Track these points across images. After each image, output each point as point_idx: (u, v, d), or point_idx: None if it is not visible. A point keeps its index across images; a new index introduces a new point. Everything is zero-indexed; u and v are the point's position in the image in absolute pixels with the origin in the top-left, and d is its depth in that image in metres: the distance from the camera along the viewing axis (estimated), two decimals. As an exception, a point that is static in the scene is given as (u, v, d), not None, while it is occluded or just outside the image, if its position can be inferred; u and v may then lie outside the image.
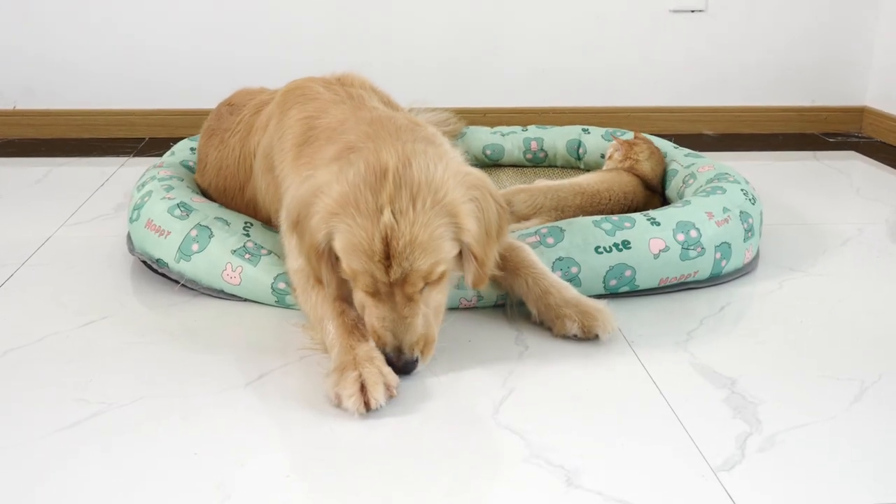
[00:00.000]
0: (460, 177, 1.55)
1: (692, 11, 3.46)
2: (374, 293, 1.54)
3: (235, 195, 2.11)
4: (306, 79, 1.97)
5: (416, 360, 1.55)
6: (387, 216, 1.48)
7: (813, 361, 1.68)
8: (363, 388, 1.47)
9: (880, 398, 1.54)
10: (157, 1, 3.32)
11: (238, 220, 1.98)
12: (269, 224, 1.99)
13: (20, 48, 3.33)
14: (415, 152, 1.55)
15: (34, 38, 3.33)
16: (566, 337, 1.74)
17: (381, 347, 1.55)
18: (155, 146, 3.21)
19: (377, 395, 1.46)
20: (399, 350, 1.53)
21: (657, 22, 3.46)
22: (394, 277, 1.50)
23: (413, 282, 1.51)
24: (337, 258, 1.57)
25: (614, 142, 2.53)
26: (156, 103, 3.40)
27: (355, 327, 1.61)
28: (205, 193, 2.23)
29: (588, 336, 1.72)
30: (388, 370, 1.52)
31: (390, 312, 1.53)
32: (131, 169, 2.91)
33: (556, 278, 1.80)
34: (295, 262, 1.76)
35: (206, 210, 1.99)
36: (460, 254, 1.59)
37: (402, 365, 1.54)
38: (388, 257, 1.48)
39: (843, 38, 3.52)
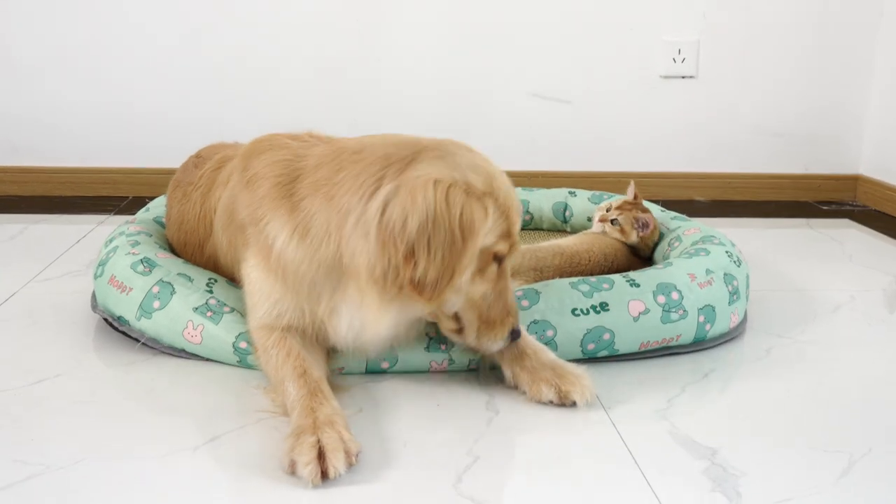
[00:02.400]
0: None
1: (683, 77, 3.44)
2: (510, 257, 1.63)
3: (195, 251, 2.04)
4: (272, 134, 1.88)
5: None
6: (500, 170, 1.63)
7: (799, 433, 1.59)
8: (321, 455, 1.37)
9: (869, 473, 1.45)
10: (144, 60, 3.31)
11: (202, 276, 1.91)
12: (233, 281, 1.92)
13: (4, 105, 3.31)
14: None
15: (18, 94, 3.31)
16: (541, 402, 1.65)
17: (511, 324, 1.63)
18: (138, 205, 3.16)
19: (336, 463, 1.36)
20: (518, 314, 1.67)
21: (648, 87, 3.44)
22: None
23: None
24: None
25: (626, 216, 2.36)
26: (140, 162, 3.37)
27: (318, 389, 1.53)
28: (171, 248, 2.17)
29: (564, 402, 1.64)
30: (349, 436, 1.42)
31: (509, 278, 1.64)
32: (109, 227, 2.86)
33: (532, 340, 1.73)
34: (256, 319, 1.69)
35: (170, 266, 1.93)
36: None
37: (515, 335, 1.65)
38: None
39: (837, 106, 3.50)
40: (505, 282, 1.62)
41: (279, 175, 1.66)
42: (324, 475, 1.36)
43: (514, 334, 1.64)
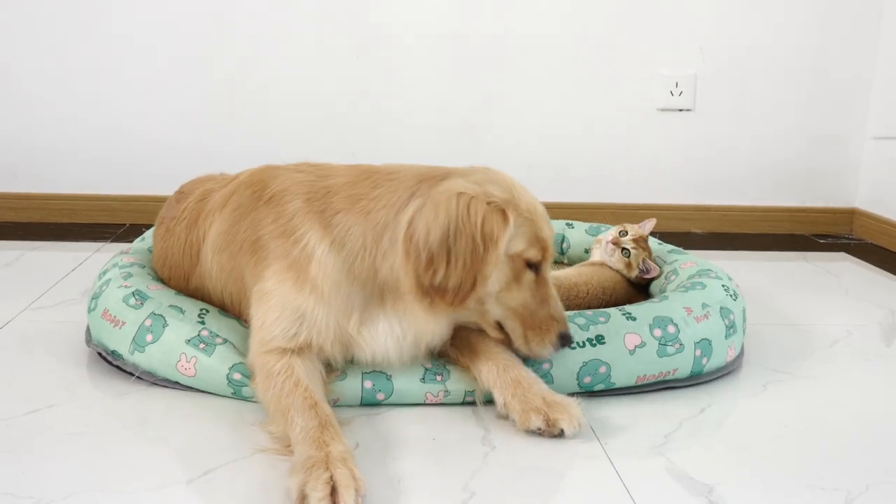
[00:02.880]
0: None
1: (680, 111, 3.46)
2: (545, 264, 1.68)
3: (180, 285, 2.03)
4: (268, 164, 1.91)
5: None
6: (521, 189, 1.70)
7: (796, 469, 1.58)
8: (334, 492, 1.36)
9: (867, 510, 1.44)
10: (143, 87, 3.33)
11: (194, 306, 1.90)
12: (223, 309, 1.92)
13: (3, 131, 3.32)
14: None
15: (18, 121, 3.32)
16: (530, 431, 1.65)
17: (558, 329, 1.68)
18: (135, 233, 3.16)
19: (349, 502, 1.35)
20: (565, 317, 1.71)
21: (645, 120, 3.46)
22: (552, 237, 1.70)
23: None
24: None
25: (639, 252, 2.34)
26: (138, 190, 3.38)
27: (329, 423, 1.52)
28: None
29: (553, 430, 1.63)
30: (359, 474, 1.41)
31: (551, 282, 1.70)
32: (106, 255, 2.85)
33: (527, 370, 1.72)
34: (265, 341, 1.67)
35: (162, 297, 1.92)
36: None
37: (571, 332, 1.70)
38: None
39: (833, 140, 3.52)
40: (546, 289, 1.68)
41: (308, 192, 1.71)
42: None
43: (564, 339, 1.69)
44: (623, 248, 2.35)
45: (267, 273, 1.71)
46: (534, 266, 1.67)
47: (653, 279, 2.35)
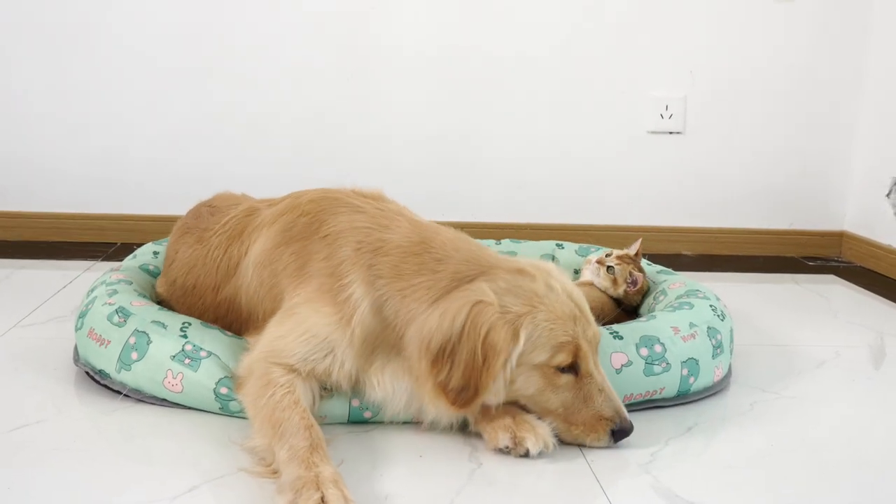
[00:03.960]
0: None
1: (670, 133, 3.48)
2: (586, 364, 1.65)
3: (206, 294, 2.04)
4: (323, 189, 1.97)
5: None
6: (556, 284, 1.66)
7: (782, 488, 1.58)
8: None
9: (852, 529, 1.45)
10: (134, 107, 3.34)
11: (175, 320, 1.90)
12: (243, 324, 1.92)
13: (-4, 148, 3.34)
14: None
15: (9, 140, 3.33)
16: (498, 449, 1.66)
17: (608, 426, 1.66)
18: (125, 251, 3.13)
19: None
20: (622, 411, 1.67)
21: (635, 143, 3.48)
22: (593, 331, 1.67)
23: (598, 333, 1.69)
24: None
25: (623, 268, 2.37)
26: (129, 208, 3.38)
27: (321, 446, 1.52)
28: (162, 295, 2.18)
29: (519, 450, 1.64)
30: (350, 496, 1.41)
31: (601, 378, 1.66)
32: (96, 273, 2.85)
33: None
34: (278, 352, 1.70)
35: (144, 313, 1.91)
36: None
37: (630, 425, 1.67)
38: (580, 310, 1.66)
39: (822, 164, 3.55)
40: (589, 386, 1.65)
41: (360, 242, 1.76)
42: None
43: (618, 434, 1.67)
44: (608, 267, 2.36)
45: (302, 296, 1.75)
46: (568, 368, 1.65)
47: (643, 296, 2.36)
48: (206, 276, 2.05)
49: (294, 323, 1.73)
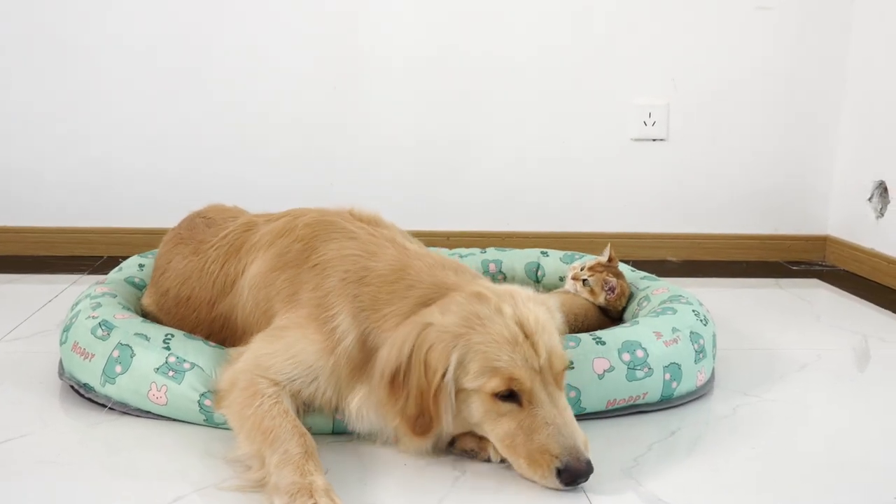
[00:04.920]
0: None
1: (654, 140, 3.51)
2: (529, 397, 1.54)
3: (201, 307, 2.05)
4: (320, 211, 1.98)
5: (591, 463, 1.52)
6: (507, 308, 1.58)
7: (766, 490, 1.60)
8: None
9: (833, 529, 1.46)
10: (121, 121, 3.34)
11: (158, 332, 1.90)
12: (237, 341, 1.92)
13: (-20, 165, 3.34)
14: (488, 283, 1.70)
15: (-6, 153, 3.34)
16: (465, 451, 1.68)
17: (552, 463, 1.51)
18: (112, 265, 3.13)
19: None
20: (576, 449, 1.51)
21: (620, 150, 3.50)
22: (543, 358, 1.55)
23: (559, 361, 1.58)
24: (456, 393, 1.57)
25: (597, 277, 2.39)
26: (116, 222, 3.38)
27: (314, 455, 1.54)
28: (149, 306, 2.19)
29: (482, 455, 1.66)
30: None
31: (550, 409, 1.54)
32: (82, 287, 2.85)
33: None
34: (265, 367, 1.70)
35: (127, 326, 1.92)
36: None
37: (585, 466, 1.51)
38: (527, 338, 1.55)
39: (804, 169, 3.57)
40: (532, 419, 1.54)
41: (347, 271, 1.76)
42: None
43: (565, 475, 1.51)
44: (583, 280, 2.39)
45: (292, 320, 1.76)
46: (509, 396, 1.55)
47: (623, 303, 2.38)
48: (201, 289, 2.06)
49: (283, 345, 1.73)
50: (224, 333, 1.99)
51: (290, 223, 1.95)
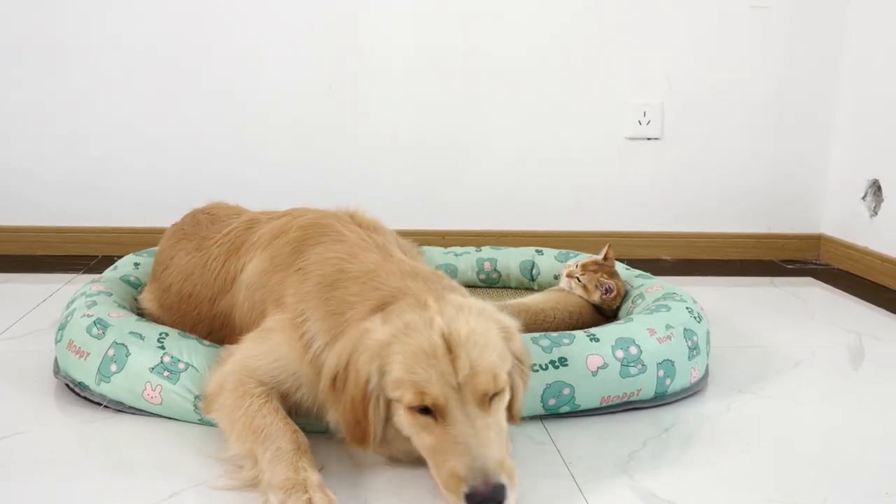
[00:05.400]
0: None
1: (648, 139, 3.51)
2: (444, 413, 1.43)
3: (202, 304, 2.05)
4: (318, 213, 1.98)
5: (505, 487, 1.35)
6: (439, 320, 1.47)
7: (759, 485, 1.60)
8: None
9: (825, 524, 1.47)
10: (117, 122, 3.34)
11: (153, 331, 1.90)
12: (235, 339, 1.89)
13: (-25, 165, 3.34)
14: (447, 292, 1.60)
15: (-10, 153, 3.34)
16: None
17: (460, 486, 1.36)
18: (107, 264, 3.13)
19: None
20: (485, 473, 1.35)
21: (614, 149, 3.51)
22: (462, 374, 1.42)
23: (484, 379, 1.44)
24: (387, 403, 1.50)
25: (590, 276, 2.40)
26: (111, 221, 3.38)
27: (307, 451, 1.54)
28: (149, 302, 2.20)
29: None
30: (336, 500, 1.42)
31: (466, 427, 1.40)
32: (77, 286, 2.84)
33: None
34: (251, 368, 1.69)
35: (122, 325, 1.92)
36: None
37: (492, 491, 1.34)
38: (450, 350, 1.44)
39: (798, 168, 3.58)
40: (444, 437, 1.43)
41: (323, 275, 1.73)
42: None
43: (471, 500, 1.36)
44: (577, 278, 2.40)
45: (277, 323, 1.75)
46: (427, 411, 1.46)
47: (618, 303, 2.39)
48: (203, 285, 2.06)
49: (268, 348, 1.72)
50: (224, 332, 1.99)
51: (287, 224, 1.95)
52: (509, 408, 1.54)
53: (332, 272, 1.73)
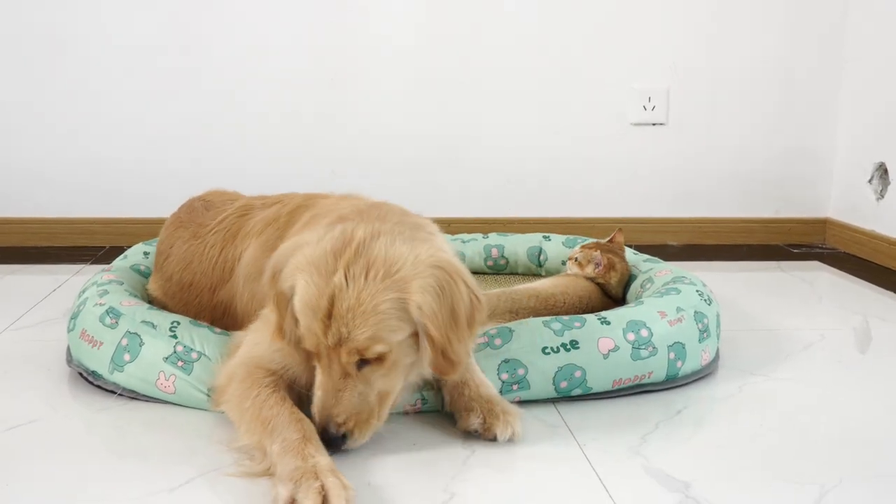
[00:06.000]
0: (425, 257, 1.55)
1: (653, 125, 3.51)
2: (319, 357, 1.56)
3: (203, 293, 2.05)
4: (307, 195, 2.00)
5: (342, 438, 1.55)
6: (338, 278, 1.51)
7: (772, 465, 1.61)
8: (325, 501, 1.37)
9: (841, 503, 1.47)
10: (121, 111, 3.35)
11: (165, 319, 1.90)
12: (238, 328, 1.91)
13: (-19, 157, 3.34)
14: (387, 231, 1.57)
15: (-4, 147, 3.34)
16: (468, 432, 1.68)
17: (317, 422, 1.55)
18: (114, 255, 3.13)
19: None
20: (325, 424, 1.54)
21: (619, 134, 3.51)
22: (330, 341, 1.51)
23: (347, 351, 1.52)
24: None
25: (585, 252, 2.45)
26: (117, 212, 3.39)
27: (314, 437, 1.53)
28: (154, 293, 2.20)
29: (487, 435, 1.66)
30: (349, 484, 1.42)
31: (327, 380, 1.55)
32: (85, 277, 2.85)
33: (479, 373, 1.75)
34: (253, 359, 1.69)
35: (134, 314, 1.92)
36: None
37: (331, 439, 1.54)
38: (329, 317, 1.51)
39: (805, 151, 3.58)
40: (318, 376, 1.58)
41: (302, 225, 1.80)
42: None
43: (324, 434, 1.54)
44: (574, 259, 2.45)
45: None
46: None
47: (613, 280, 2.39)
48: (202, 274, 2.06)
49: (267, 335, 1.73)
50: (226, 321, 1.99)
51: (278, 211, 1.97)
52: (427, 357, 1.56)
53: (307, 221, 1.79)
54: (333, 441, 1.54)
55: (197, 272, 2.07)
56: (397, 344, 1.54)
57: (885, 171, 3.27)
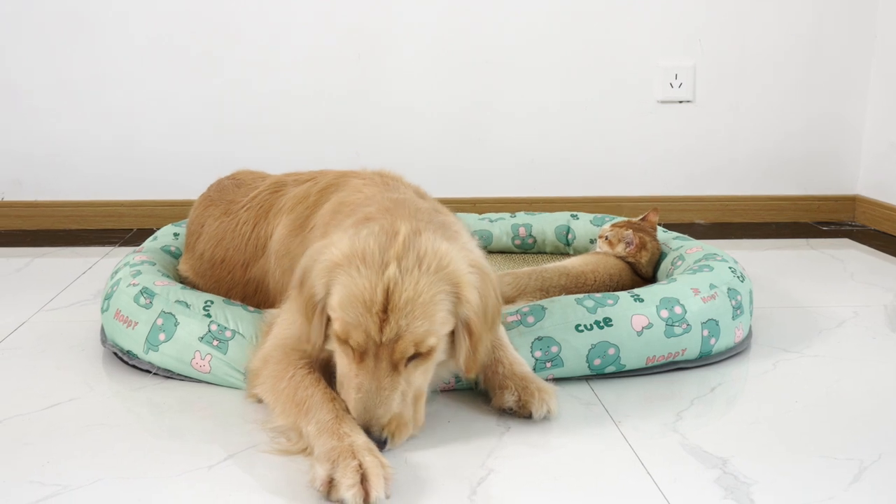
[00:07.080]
0: (464, 254, 1.56)
1: (680, 102, 3.48)
2: (361, 356, 1.49)
3: (235, 269, 2.06)
4: (339, 173, 1.99)
5: (384, 442, 1.49)
6: (392, 269, 1.47)
7: (809, 441, 1.60)
8: (363, 479, 1.38)
9: (880, 478, 1.46)
10: (147, 94, 3.36)
11: (198, 299, 1.91)
12: (271, 304, 1.93)
13: (8, 141, 3.35)
14: (427, 228, 1.57)
15: (23, 131, 3.35)
16: (503, 410, 1.68)
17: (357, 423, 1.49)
18: (142, 237, 3.17)
19: (379, 489, 1.37)
20: (368, 426, 1.48)
21: (646, 112, 3.48)
22: (387, 336, 1.46)
23: (404, 346, 1.47)
24: (328, 321, 1.54)
25: (616, 231, 2.44)
26: (144, 195, 3.40)
27: (347, 417, 1.52)
28: (185, 273, 2.21)
29: (523, 412, 1.66)
30: (387, 462, 1.42)
31: (370, 381, 1.49)
32: (114, 259, 2.88)
33: (512, 351, 1.75)
34: (287, 340, 1.69)
35: (168, 293, 1.93)
36: (452, 337, 1.55)
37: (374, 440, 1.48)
38: (385, 311, 1.46)
39: (833, 128, 3.54)
40: (352, 377, 1.52)
41: (328, 214, 1.80)
42: (365, 500, 1.37)
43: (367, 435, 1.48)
44: (605, 237, 2.45)
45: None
46: (347, 344, 1.52)
47: (644, 259, 2.38)
48: (234, 250, 2.07)
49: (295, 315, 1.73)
50: (258, 297, 2.00)
51: (309, 189, 1.97)
52: (463, 353, 1.55)
53: (334, 209, 1.78)
54: (374, 443, 1.48)
55: (229, 248, 2.08)
56: (441, 338, 1.53)
57: (916, 146, 3.23)
